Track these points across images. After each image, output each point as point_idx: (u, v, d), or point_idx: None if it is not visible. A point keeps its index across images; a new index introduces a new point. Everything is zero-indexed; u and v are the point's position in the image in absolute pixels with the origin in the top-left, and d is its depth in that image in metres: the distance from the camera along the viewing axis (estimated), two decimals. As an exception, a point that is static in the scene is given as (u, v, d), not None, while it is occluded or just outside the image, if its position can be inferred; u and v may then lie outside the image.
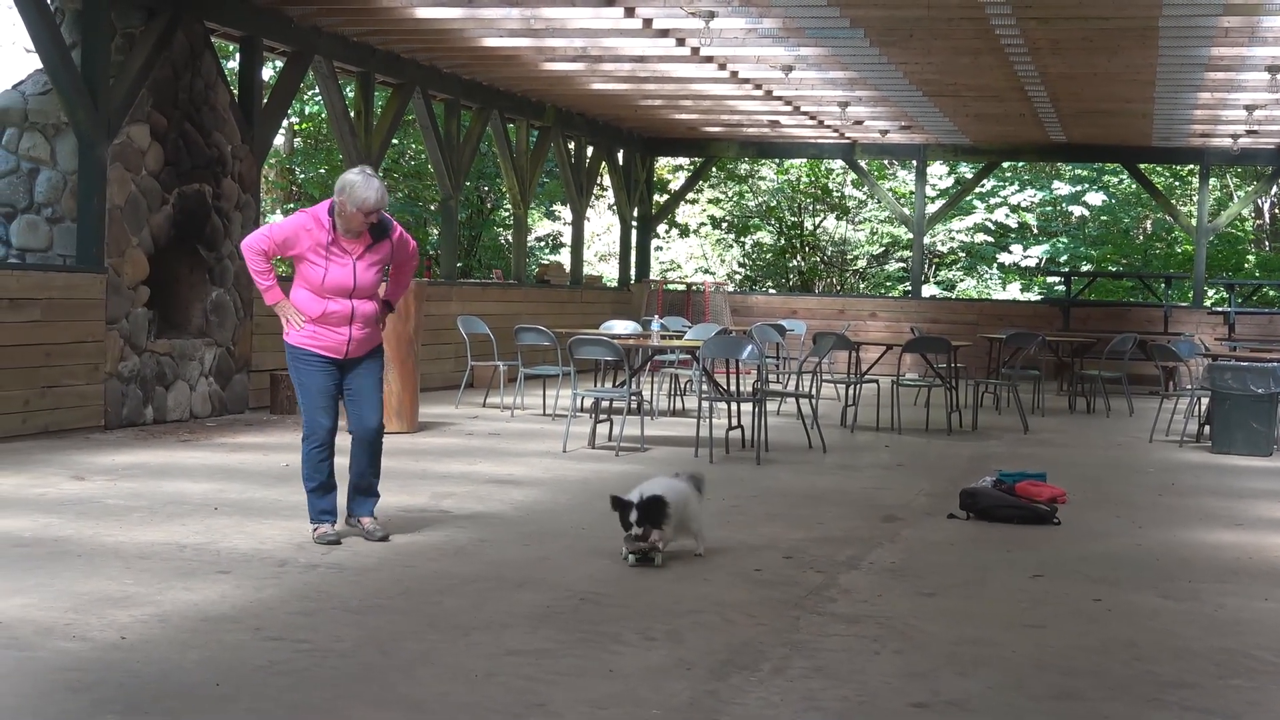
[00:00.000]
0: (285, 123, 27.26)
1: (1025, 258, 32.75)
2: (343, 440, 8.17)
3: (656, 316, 20.27)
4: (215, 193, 14.29)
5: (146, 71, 13.26)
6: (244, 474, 10.41)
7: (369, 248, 7.91)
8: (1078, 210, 32.76)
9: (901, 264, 33.66)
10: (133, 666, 5.45)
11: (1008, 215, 33.06)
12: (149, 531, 8.18)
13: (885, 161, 32.29)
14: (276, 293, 7.94)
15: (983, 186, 31.53)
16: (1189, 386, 16.04)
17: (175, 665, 5.50)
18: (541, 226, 34.59)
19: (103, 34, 12.92)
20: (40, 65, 12.89)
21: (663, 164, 32.24)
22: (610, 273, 30.47)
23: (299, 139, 31.22)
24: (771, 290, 33.29)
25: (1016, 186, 33.25)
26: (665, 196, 30.33)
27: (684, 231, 35.40)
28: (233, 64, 21.46)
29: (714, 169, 32.26)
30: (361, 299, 7.94)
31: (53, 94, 12.96)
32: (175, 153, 13.75)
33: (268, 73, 20.26)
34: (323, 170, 29.85)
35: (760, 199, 35.01)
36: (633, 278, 26.89)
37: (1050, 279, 31.75)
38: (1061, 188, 32.91)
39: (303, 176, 30.70)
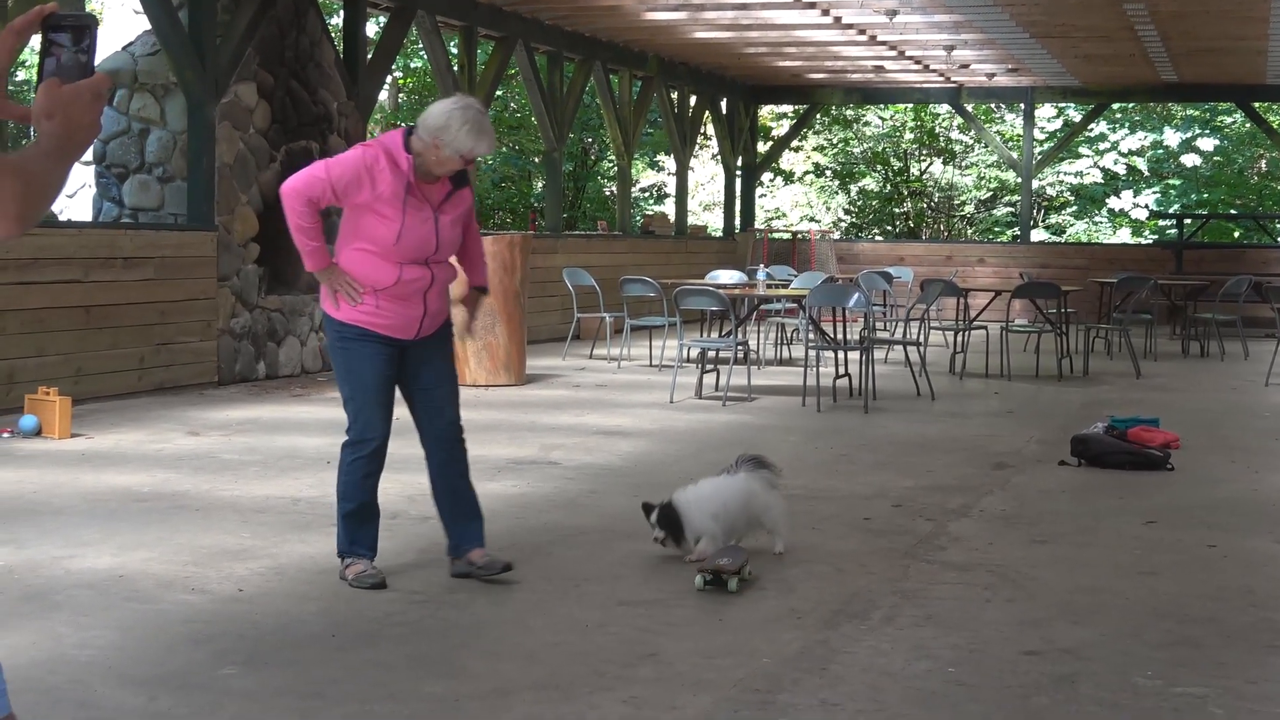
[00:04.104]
0: (389, 78, 27.40)
1: (1136, 205, 32.23)
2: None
3: (762, 265, 20.18)
4: (322, 149, 14.40)
5: (252, 30, 13.38)
6: (356, 428, 10.51)
7: (448, 197, 6.05)
8: (1190, 160, 32.13)
9: (1010, 209, 33.29)
10: (253, 618, 5.55)
11: (1116, 161, 32.52)
12: (264, 485, 8.30)
13: (992, 105, 31.89)
14: (324, 255, 6.02)
15: (1090, 131, 31.03)
16: (1306, 329, 15.73)
17: (293, 617, 5.58)
18: (646, 177, 34.57)
19: (209, -6, 13.05)
20: (149, 26, 13.04)
21: (766, 111, 32.04)
22: (715, 222, 30.42)
23: (403, 94, 31.38)
24: (878, 237, 33.06)
25: (1126, 130, 32.68)
26: (769, 144, 30.18)
27: (788, 178, 35.20)
28: (337, 20, 21.60)
29: (818, 115, 32.03)
30: (442, 263, 6.09)
31: (161, 55, 13.11)
32: (282, 110, 13.88)
33: (372, 29, 20.36)
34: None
35: (866, 145, 34.74)
36: (737, 227, 26.82)
37: (1162, 222, 31.28)
38: (1172, 137, 32.21)
39: (408, 131, 30.83)
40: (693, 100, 24.60)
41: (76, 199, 13.74)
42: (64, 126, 2.18)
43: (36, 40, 2.27)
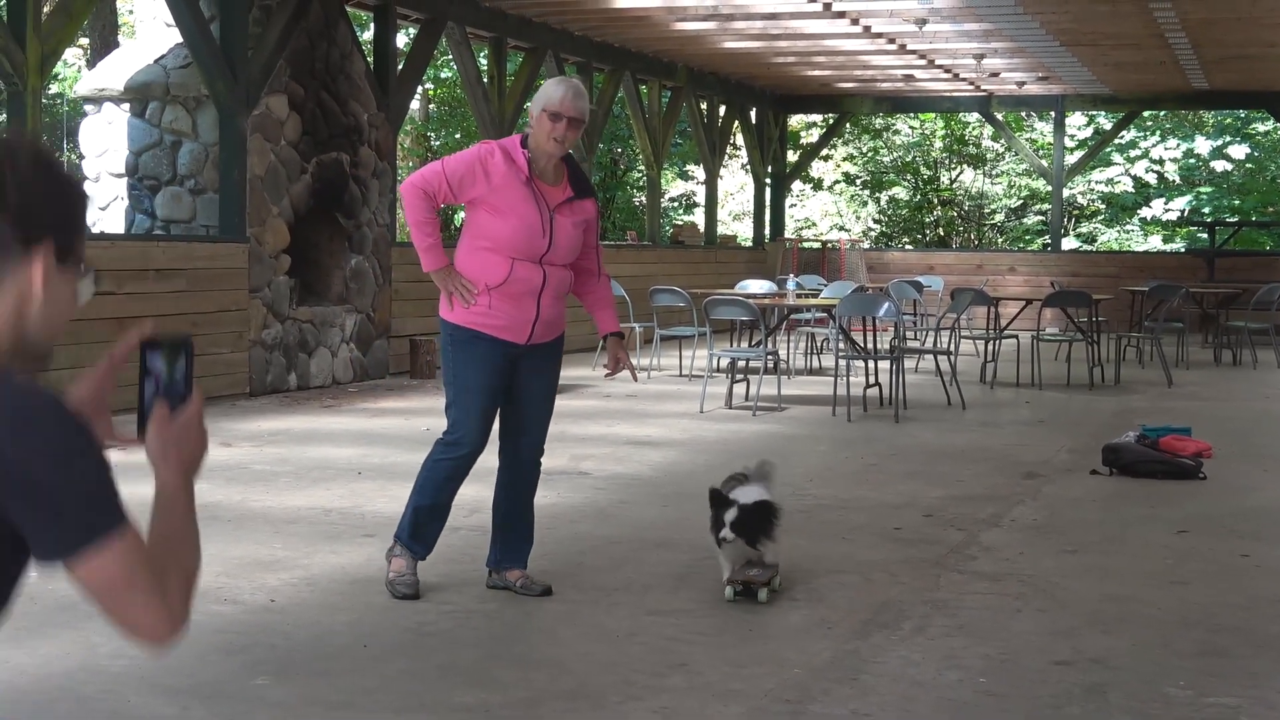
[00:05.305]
0: (419, 89, 27.47)
1: (1167, 211, 32.10)
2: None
3: (792, 275, 20.15)
4: (353, 161, 14.46)
5: (283, 42, 13.44)
6: (386, 438, 10.56)
7: (568, 201, 6.01)
8: (1220, 165, 31.98)
9: (1040, 217, 33.17)
10: (284, 629, 5.57)
11: (1147, 169, 32.38)
12: (295, 496, 8.33)
13: (1022, 113, 31.79)
14: (440, 255, 5.97)
15: (1121, 139, 30.93)
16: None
17: (325, 628, 5.61)
18: (675, 187, 34.58)
19: (240, 6, 13.10)
20: (180, 39, 13.11)
21: (795, 121, 32.02)
22: (745, 232, 30.40)
23: (433, 105, 31.46)
24: (908, 246, 32.99)
25: (1157, 137, 32.54)
26: (799, 153, 30.14)
27: (817, 185, 35.16)
28: (367, 34, 21.69)
29: (848, 124, 32.01)
30: (556, 266, 5.99)
31: (193, 67, 13.18)
32: (313, 122, 13.93)
33: (401, 40, 20.43)
34: (457, 136, 30.06)
35: (895, 154, 34.69)
36: (767, 236, 26.81)
37: (1193, 228, 31.13)
38: (1203, 144, 32.04)
39: (438, 143, 30.96)
40: (722, 110, 24.61)
41: (109, 211, 13.81)
42: (179, 462, 2.33)
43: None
